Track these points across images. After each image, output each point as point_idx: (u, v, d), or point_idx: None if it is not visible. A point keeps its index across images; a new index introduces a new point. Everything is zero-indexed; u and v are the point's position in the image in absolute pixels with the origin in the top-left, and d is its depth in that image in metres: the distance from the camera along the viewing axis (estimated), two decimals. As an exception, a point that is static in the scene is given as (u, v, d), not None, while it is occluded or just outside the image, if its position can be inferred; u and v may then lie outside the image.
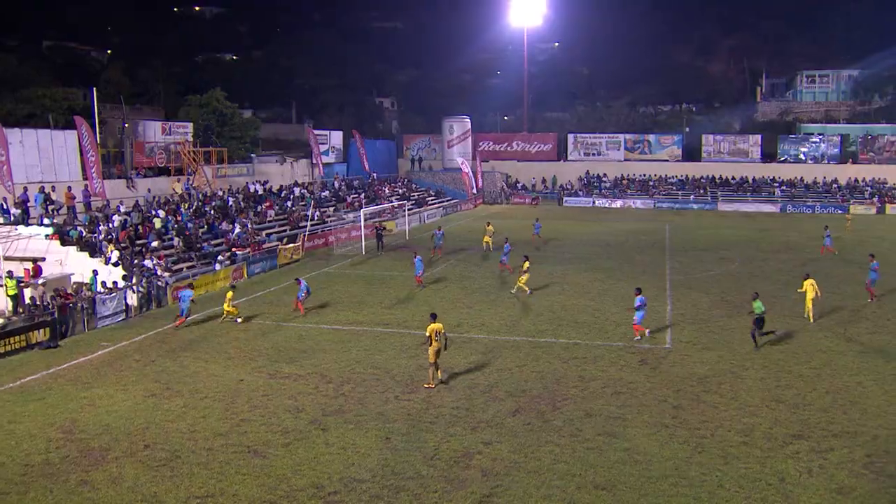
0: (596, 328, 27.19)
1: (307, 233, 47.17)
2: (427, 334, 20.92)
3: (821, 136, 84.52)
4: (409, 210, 59.37)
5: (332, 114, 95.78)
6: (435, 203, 73.64)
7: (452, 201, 76.05)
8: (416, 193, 75.35)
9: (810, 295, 28.17)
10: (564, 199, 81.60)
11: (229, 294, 29.50)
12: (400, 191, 73.33)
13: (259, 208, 49.82)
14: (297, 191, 57.90)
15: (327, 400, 19.88)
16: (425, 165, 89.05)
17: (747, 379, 21.27)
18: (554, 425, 17.95)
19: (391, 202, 63.12)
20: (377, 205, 59.98)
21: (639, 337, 25.62)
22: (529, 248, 43.02)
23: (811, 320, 28.05)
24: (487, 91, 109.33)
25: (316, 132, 69.40)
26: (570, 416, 18.49)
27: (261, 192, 54.31)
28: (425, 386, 20.80)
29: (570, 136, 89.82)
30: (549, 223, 61.97)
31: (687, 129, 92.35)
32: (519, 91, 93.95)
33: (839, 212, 71.60)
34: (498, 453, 16.42)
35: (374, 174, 74.46)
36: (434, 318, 21.40)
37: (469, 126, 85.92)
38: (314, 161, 66.75)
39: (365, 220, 49.21)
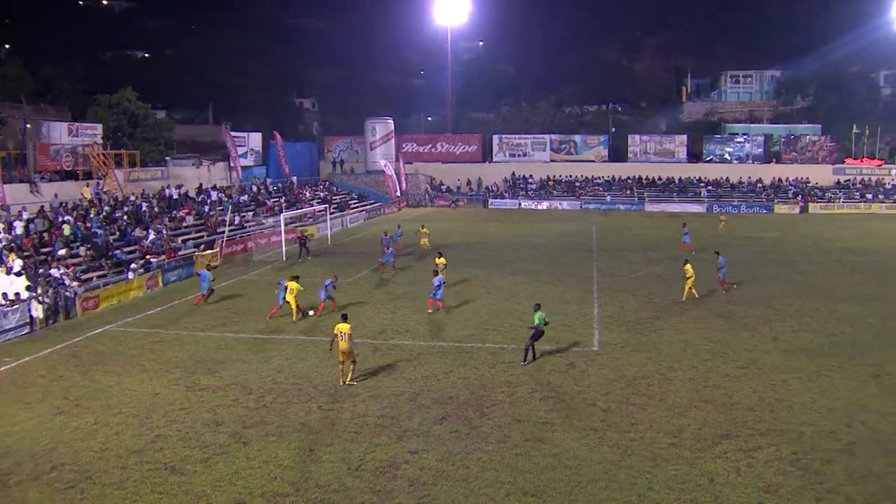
0: (522, 332, 27.29)
1: (225, 239, 46.40)
2: (334, 333, 21.32)
3: (745, 136, 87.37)
4: (331, 214, 58.98)
5: (251, 115, 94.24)
6: (358, 207, 73.34)
7: (376, 205, 75.82)
8: (338, 197, 74.83)
9: (692, 279, 32.21)
10: (490, 201, 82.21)
11: (296, 285, 29.53)
12: (321, 194, 72.75)
13: (174, 213, 48.78)
14: (214, 195, 56.83)
15: (248, 412, 19.58)
16: (347, 168, 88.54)
17: (675, 380, 21.79)
18: (482, 432, 18.07)
19: (312, 206, 62.55)
20: (298, 209, 59.36)
21: (433, 311, 30.02)
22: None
23: (695, 295, 32.20)
24: (411, 91, 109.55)
25: (233, 134, 68.14)
26: (498, 423, 18.64)
27: (176, 196, 53.19)
28: (348, 383, 21.36)
29: (496, 137, 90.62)
30: (473, 226, 62.53)
31: (613, 130, 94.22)
32: (443, 91, 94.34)
33: (763, 211, 74.28)
34: (425, 462, 16.44)
35: (295, 177, 73.64)
36: (344, 318, 21.78)
37: (392, 127, 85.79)
38: (232, 164, 65.48)
39: (285, 224, 48.66)
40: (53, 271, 32.42)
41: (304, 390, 21.20)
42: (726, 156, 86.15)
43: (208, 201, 54.75)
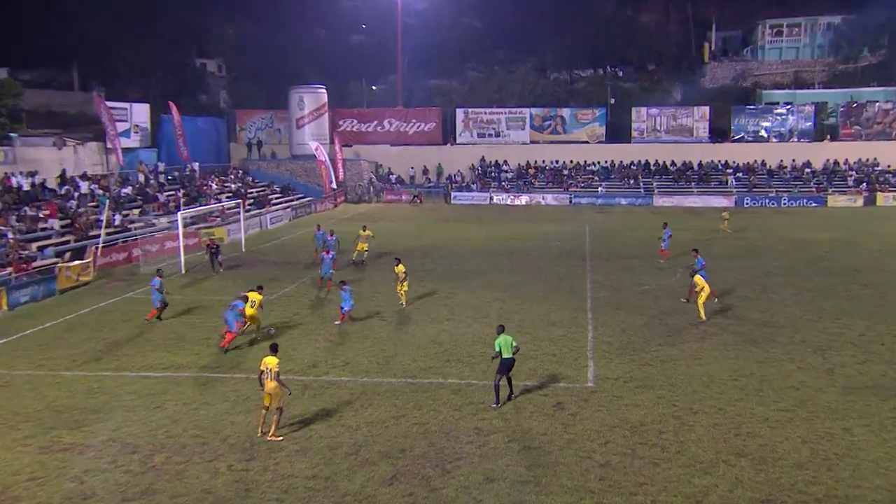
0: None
1: (101, 245, 45.78)
2: (260, 370, 21.34)
3: (789, 106, 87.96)
4: (245, 212, 58.53)
5: (134, 79, 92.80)
6: (281, 202, 72.95)
7: (305, 200, 75.58)
8: (254, 190, 74.49)
9: (707, 291, 32.47)
10: (453, 194, 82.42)
11: (259, 297, 30.70)
12: (232, 186, 72.31)
13: (25, 211, 47.98)
14: (83, 186, 56.14)
15: (130, 478, 19.18)
16: (266, 152, 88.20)
17: (697, 426, 21.73)
18: (444, 495, 17.94)
19: (220, 202, 62.03)
20: (201, 205, 58.85)
21: (338, 322, 32.61)
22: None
23: (703, 318, 32.33)
24: (349, 52, 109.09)
25: (110, 104, 67.37)
26: (466, 483, 18.53)
27: (27, 187, 52.49)
28: (269, 438, 20.97)
29: (460, 112, 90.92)
30: (432, 227, 62.47)
31: (612, 101, 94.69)
32: (391, 51, 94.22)
33: (813, 204, 74.79)
34: (369, 538, 16.28)
35: (196, 164, 73.09)
36: (273, 350, 21.83)
37: (325, 99, 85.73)
38: (109, 145, 64.82)
39: (185, 225, 48.20)
40: None
41: (208, 445, 20.84)
42: (762, 132, 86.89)
43: (76, 194, 54.08)
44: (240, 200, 60.52)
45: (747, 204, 76.16)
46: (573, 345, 29.43)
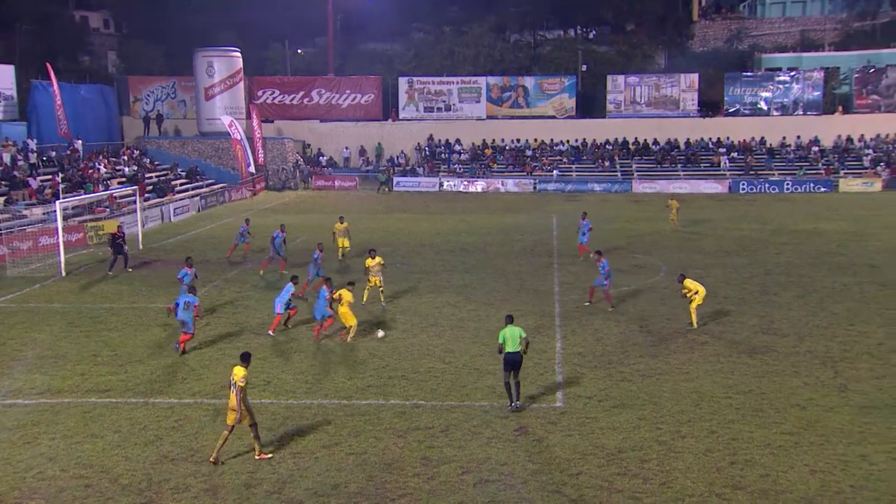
0: (447, 381, 27.34)
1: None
2: (230, 380, 21.23)
3: (793, 73, 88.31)
4: (143, 201, 58.01)
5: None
6: (187, 189, 72.46)
7: (216, 186, 74.99)
8: (154, 174, 73.84)
9: (702, 294, 32.67)
10: (395, 179, 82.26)
11: (348, 296, 31.12)
12: (126, 170, 71.62)
13: None
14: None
15: (-10, 532, 18.88)
16: (169, 128, 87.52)
17: (685, 452, 21.75)
18: (384, 540, 17.88)
19: (110, 189, 61.41)
20: (86, 193, 58.20)
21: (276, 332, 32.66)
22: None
23: (695, 325, 32.70)
24: (269, 7, 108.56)
25: (-38, 66, 66.59)
26: (411, 524, 18.47)
27: None
28: (257, 458, 21.22)
29: (403, 81, 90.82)
30: (371, 219, 62.38)
31: (584, 68, 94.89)
32: (320, 8, 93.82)
33: (822, 189, 75.23)
34: (294, 592, 16.18)
35: (79, 141, 72.24)
36: (244, 359, 21.70)
37: (240, 64, 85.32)
38: (-39, 117, 63.93)
39: (66, 218, 47.66)
40: None
41: (94, 487, 20.36)
42: (761, 104, 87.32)
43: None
44: (136, 187, 60.02)
45: (743, 189, 76.77)
46: (538, 357, 29.42)
